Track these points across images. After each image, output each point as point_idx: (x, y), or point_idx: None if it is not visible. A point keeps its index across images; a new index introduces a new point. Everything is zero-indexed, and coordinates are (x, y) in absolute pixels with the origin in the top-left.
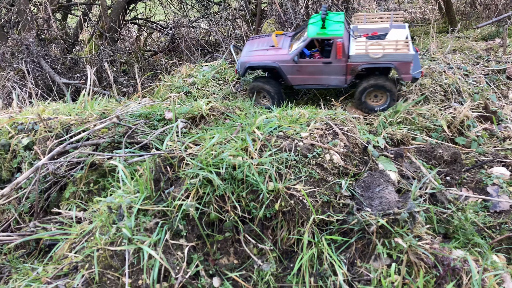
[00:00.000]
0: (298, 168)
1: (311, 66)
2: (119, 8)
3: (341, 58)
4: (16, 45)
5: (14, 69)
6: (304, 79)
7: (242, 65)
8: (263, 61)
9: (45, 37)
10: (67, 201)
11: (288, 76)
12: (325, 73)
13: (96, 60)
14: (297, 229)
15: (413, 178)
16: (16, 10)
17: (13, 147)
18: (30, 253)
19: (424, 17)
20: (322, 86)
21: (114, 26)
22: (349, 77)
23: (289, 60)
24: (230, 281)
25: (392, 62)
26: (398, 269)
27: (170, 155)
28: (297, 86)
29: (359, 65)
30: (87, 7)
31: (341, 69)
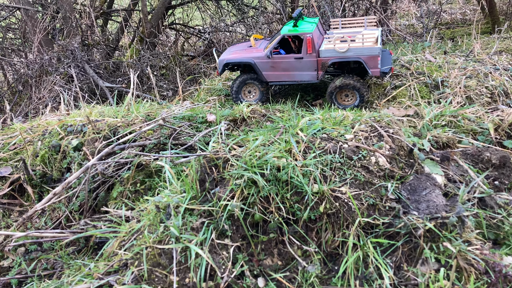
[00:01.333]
0: (343, 170)
1: (284, 62)
2: (159, 13)
3: (311, 53)
4: (62, 50)
5: (60, 73)
6: (278, 75)
7: (220, 63)
8: (239, 58)
9: (88, 42)
10: (115, 200)
11: (263, 72)
12: (297, 69)
13: (137, 64)
14: (342, 232)
15: (460, 182)
16: (62, 17)
17: (63, 148)
18: (80, 250)
19: (464, 18)
20: (295, 82)
21: (154, 31)
22: (320, 73)
23: (263, 56)
24: (275, 282)
25: (359, 56)
26: (447, 274)
27: (215, 156)
28: (271, 82)
29: (328, 60)
30: (127, 13)
31: (312, 65)
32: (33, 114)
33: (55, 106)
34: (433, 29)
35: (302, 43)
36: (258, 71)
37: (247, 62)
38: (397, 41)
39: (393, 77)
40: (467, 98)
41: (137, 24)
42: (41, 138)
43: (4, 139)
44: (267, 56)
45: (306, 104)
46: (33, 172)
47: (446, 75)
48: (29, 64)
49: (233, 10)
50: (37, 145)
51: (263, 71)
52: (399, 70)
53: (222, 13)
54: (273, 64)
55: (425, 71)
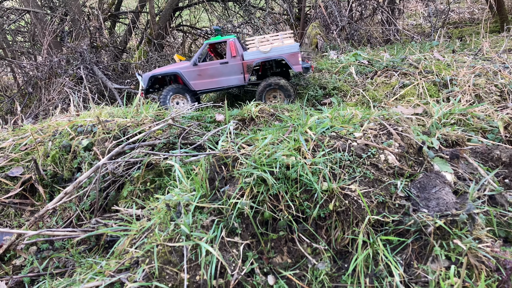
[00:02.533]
0: (352, 168)
1: (211, 69)
2: (167, 15)
3: (236, 56)
4: (71, 52)
5: (69, 75)
6: (206, 83)
7: (145, 78)
8: (165, 70)
9: (97, 44)
10: (125, 199)
11: (191, 82)
12: (224, 74)
13: (145, 65)
14: (351, 229)
15: (470, 180)
16: (70, 20)
17: (74, 148)
18: (91, 248)
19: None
20: (224, 87)
21: (161, 33)
22: (247, 76)
23: (189, 65)
24: (285, 279)
25: (281, 54)
26: (457, 272)
27: (224, 155)
28: (200, 91)
29: (253, 61)
30: (135, 15)
31: (238, 68)
32: (43, 115)
33: (64, 107)
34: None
35: (226, 50)
36: (186, 81)
37: (173, 72)
38: (404, 41)
39: (401, 76)
40: (476, 97)
41: (144, 26)
42: (52, 139)
43: (16, 140)
44: (193, 63)
45: (315, 103)
46: (44, 172)
47: (455, 74)
48: (38, 66)
49: (240, 11)
50: (48, 146)
51: (190, 80)
52: (407, 69)
53: (229, 14)
54: (200, 72)
55: (433, 69)
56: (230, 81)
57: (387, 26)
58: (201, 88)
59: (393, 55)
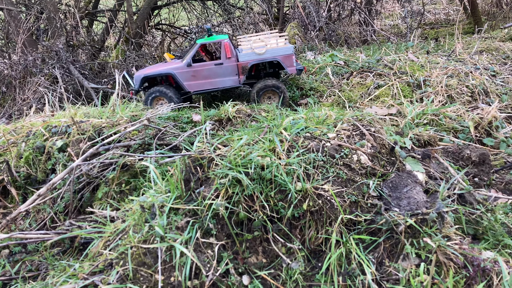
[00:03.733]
0: (325, 169)
1: (205, 70)
2: (145, 14)
3: (231, 58)
4: (47, 51)
5: (44, 74)
6: (200, 84)
7: (137, 78)
8: (158, 71)
9: (73, 43)
10: (100, 201)
11: (185, 83)
12: (219, 75)
13: (123, 65)
14: (325, 229)
15: (441, 179)
16: (46, 18)
17: (48, 149)
18: (65, 251)
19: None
20: (218, 88)
21: (139, 31)
22: (242, 77)
23: (183, 66)
24: (259, 279)
25: (276, 56)
26: (427, 269)
27: (200, 156)
28: (195, 92)
29: (248, 63)
30: (113, 13)
31: (232, 69)
32: (17, 115)
33: (39, 107)
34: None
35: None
36: (180, 82)
37: (166, 73)
38: (381, 41)
39: (377, 77)
40: (448, 97)
41: (122, 24)
42: (25, 140)
43: None
44: (187, 64)
45: (291, 104)
46: (17, 174)
47: (428, 75)
48: (12, 65)
49: (219, 11)
50: (21, 147)
51: (184, 81)
52: (382, 69)
53: (208, 13)
54: (194, 73)
55: (407, 70)
56: (224, 82)
57: (364, 27)
58: (195, 89)
59: (369, 56)
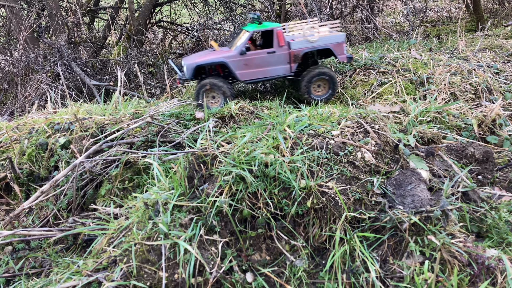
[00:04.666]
0: (329, 166)
1: (257, 58)
2: (146, 11)
3: (283, 46)
4: (48, 48)
5: (46, 71)
6: (252, 73)
7: (189, 67)
8: (211, 59)
9: (75, 40)
10: (103, 198)
11: (237, 72)
12: (271, 64)
13: (125, 62)
14: (329, 226)
15: (445, 176)
16: (48, 15)
17: (50, 146)
18: (68, 248)
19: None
20: (270, 77)
21: (141, 28)
22: (293, 65)
23: (236, 54)
24: (263, 276)
25: (327, 44)
26: (431, 267)
27: (203, 153)
28: (247, 81)
29: (300, 51)
30: (114, 10)
31: (285, 58)
32: (19, 112)
33: (41, 104)
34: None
35: (262, 40)
36: (232, 71)
37: (220, 61)
38: (383, 39)
39: (379, 74)
40: (451, 95)
41: (124, 21)
42: (28, 137)
43: None
44: (240, 53)
45: (294, 102)
46: (20, 171)
47: (431, 72)
48: (14, 62)
49: (220, 8)
50: (23, 144)
51: (236, 70)
52: (385, 67)
53: (210, 10)
54: (246, 62)
55: (410, 68)
56: (276, 71)
57: (366, 24)
58: (247, 78)
59: (372, 53)
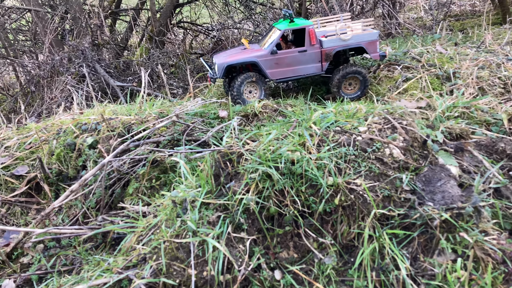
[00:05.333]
0: (357, 163)
1: (289, 57)
2: (168, 12)
3: (315, 44)
4: (73, 50)
5: (71, 73)
6: (283, 71)
7: (220, 67)
8: (242, 58)
9: (98, 42)
10: (131, 196)
11: (268, 71)
12: (302, 63)
13: (147, 63)
14: (357, 224)
15: (475, 172)
16: (71, 18)
17: (78, 146)
18: (97, 246)
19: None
20: (300, 76)
21: (163, 29)
22: (325, 64)
23: (267, 53)
24: (291, 274)
25: (360, 42)
26: (464, 265)
27: (229, 151)
28: (277, 80)
29: (332, 49)
30: (136, 12)
31: (316, 56)
32: (46, 114)
33: (67, 105)
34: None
35: (304, 37)
36: (263, 70)
37: (251, 61)
38: (406, 34)
39: (404, 70)
40: (479, 89)
41: (145, 23)
42: (56, 137)
43: (20, 138)
44: (271, 52)
45: (318, 98)
46: (49, 171)
47: (458, 67)
48: (40, 65)
49: (240, 7)
50: (52, 144)
51: (267, 69)
52: (409, 62)
53: (230, 10)
54: (277, 61)
55: (436, 63)
56: (307, 70)
57: (388, 20)
58: (278, 77)
59: (395, 48)
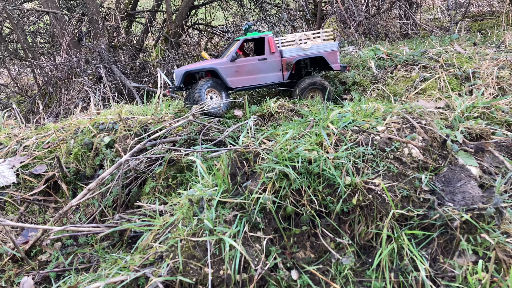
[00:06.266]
0: (375, 162)
1: (248, 65)
2: (183, 14)
3: (275, 53)
4: (90, 52)
5: (88, 75)
6: (243, 80)
7: (178, 74)
8: (201, 66)
9: (115, 44)
10: (147, 195)
11: (228, 78)
12: (263, 71)
13: (163, 64)
14: (375, 224)
15: (496, 173)
16: (88, 20)
17: (96, 145)
18: (114, 244)
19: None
20: (261, 84)
21: (178, 31)
22: (286, 73)
23: (226, 61)
24: (308, 274)
25: (321, 52)
26: (485, 266)
27: (245, 150)
28: (238, 89)
29: (293, 58)
30: (151, 14)
31: (277, 65)
32: (64, 114)
33: (84, 106)
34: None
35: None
36: (223, 78)
37: (210, 68)
38: (423, 35)
39: (422, 70)
40: (499, 89)
41: (161, 24)
42: (74, 137)
43: (39, 138)
44: (231, 59)
45: (335, 99)
46: (67, 170)
47: (477, 67)
48: (58, 66)
49: (255, 9)
50: (70, 143)
51: (227, 77)
52: (427, 62)
53: (245, 11)
54: (237, 69)
55: (454, 63)
56: (268, 79)
57: (405, 21)
58: (238, 85)
59: (413, 49)
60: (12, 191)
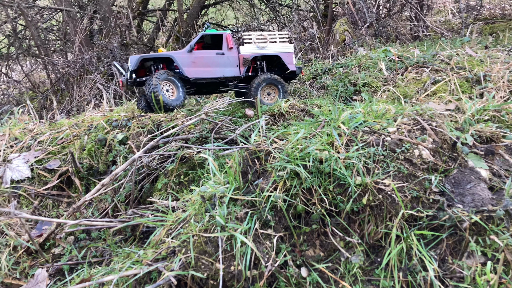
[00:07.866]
0: (386, 163)
1: (206, 58)
2: (195, 13)
3: (232, 48)
4: (102, 50)
5: (100, 72)
6: (200, 71)
7: (132, 59)
8: (157, 54)
9: (126, 42)
10: (159, 191)
11: (184, 68)
12: (220, 65)
13: None
14: (385, 224)
15: (506, 176)
16: (101, 18)
17: (109, 141)
18: (126, 239)
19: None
20: (218, 77)
21: (189, 30)
22: (243, 69)
23: (184, 52)
24: (317, 272)
25: (278, 52)
26: (494, 268)
27: (257, 149)
28: (194, 79)
29: (250, 55)
30: (163, 13)
31: (234, 60)
32: (76, 111)
33: (96, 103)
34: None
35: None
36: (180, 66)
37: (166, 56)
38: (433, 37)
39: (432, 72)
40: (511, 93)
41: (172, 23)
42: (87, 133)
43: (52, 134)
44: (188, 50)
45: (345, 100)
46: (80, 165)
47: (488, 70)
48: (70, 63)
49: (266, 9)
50: (83, 139)
51: (184, 66)
52: (438, 65)
53: (255, 11)
54: (194, 60)
55: (465, 65)
56: (225, 72)
57: (415, 23)
58: (195, 75)
59: (423, 51)
60: (27, 185)
